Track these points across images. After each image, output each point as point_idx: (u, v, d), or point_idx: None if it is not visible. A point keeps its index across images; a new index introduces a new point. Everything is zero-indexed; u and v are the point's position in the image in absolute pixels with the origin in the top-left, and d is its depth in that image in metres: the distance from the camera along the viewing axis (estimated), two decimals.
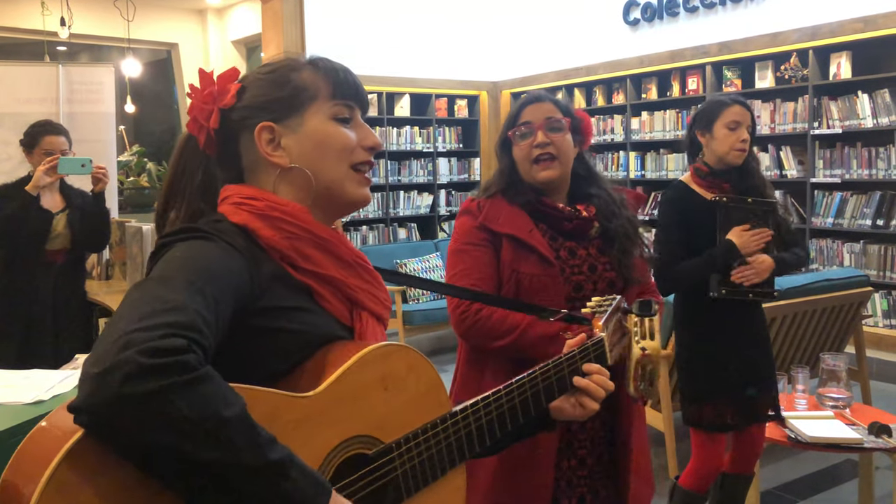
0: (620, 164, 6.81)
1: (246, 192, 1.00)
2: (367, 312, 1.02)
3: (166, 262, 0.87)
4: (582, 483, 1.73)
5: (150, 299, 0.78)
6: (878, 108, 4.90)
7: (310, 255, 0.97)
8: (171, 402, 0.70)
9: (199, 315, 0.78)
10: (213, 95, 1.02)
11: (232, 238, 0.93)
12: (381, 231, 7.49)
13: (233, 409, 0.74)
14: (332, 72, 1.05)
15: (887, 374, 4.74)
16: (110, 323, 0.77)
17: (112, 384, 0.69)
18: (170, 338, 0.73)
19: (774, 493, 3.22)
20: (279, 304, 0.92)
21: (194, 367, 0.73)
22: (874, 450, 2.57)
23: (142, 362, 0.70)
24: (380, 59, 7.16)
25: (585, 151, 1.82)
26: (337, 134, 1.02)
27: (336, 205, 1.04)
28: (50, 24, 7.53)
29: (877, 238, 5.06)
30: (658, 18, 6.33)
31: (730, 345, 2.35)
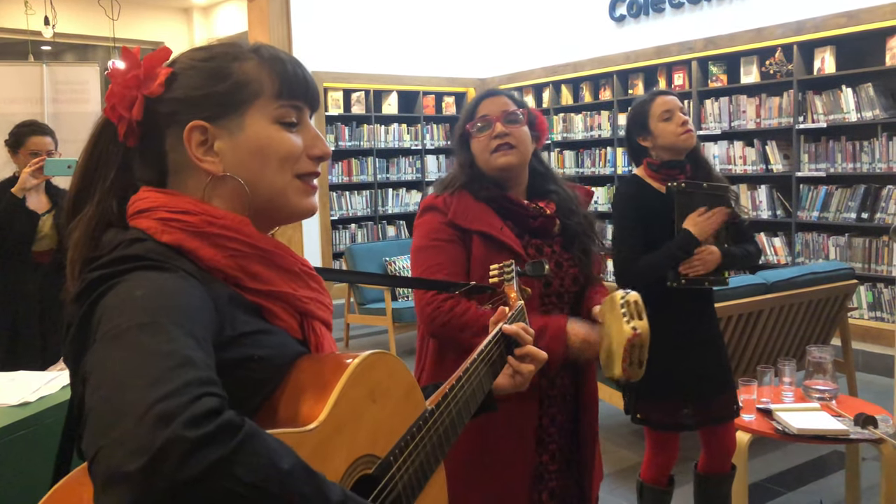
0: (608, 159, 6.83)
1: (174, 203, 0.85)
2: (317, 322, 0.93)
3: (129, 305, 0.72)
4: (553, 477, 1.76)
5: (148, 356, 0.65)
6: (861, 102, 4.94)
7: (257, 272, 0.85)
8: (230, 474, 0.60)
9: (206, 364, 0.68)
10: (137, 80, 0.86)
11: (181, 263, 0.80)
12: (370, 229, 7.49)
13: (288, 459, 0.65)
14: (279, 65, 0.90)
15: (873, 365, 4.79)
16: (103, 397, 0.63)
17: (166, 475, 0.57)
18: (203, 398, 0.62)
19: (763, 485, 3.24)
20: (242, 331, 0.81)
21: (240, 426, 0.62)
22: (860, 441, 2.60)
23: (191, 437, 0.58)
24: (367, 56, 7.15)
25: (539, 150, 1.86)
26: (280, 141, 0.89)
27: (277, 217, 0.92)
28: (34, 24, 7.47)
29: (861, 231, 5.10)
30: (644, 14, 6.35)
31: (678, 342, 2.32)
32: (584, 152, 7.09)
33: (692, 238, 2.26)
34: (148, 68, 0.87)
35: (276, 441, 0.66)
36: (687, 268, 2.27)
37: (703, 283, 2.31)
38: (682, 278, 2.28)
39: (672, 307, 2.31)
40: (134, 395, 0.61)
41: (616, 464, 3.47)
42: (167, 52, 0.90)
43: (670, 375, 2.32)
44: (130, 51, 0.89)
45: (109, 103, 0.88)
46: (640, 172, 2.42)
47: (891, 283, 4.85)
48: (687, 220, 2.28)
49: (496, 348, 1.15)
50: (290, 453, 0.66)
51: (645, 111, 2.37)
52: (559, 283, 1.74)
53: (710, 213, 2.28)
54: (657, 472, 2.46)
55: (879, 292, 4.99)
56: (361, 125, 7.39)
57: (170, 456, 0.57)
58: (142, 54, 0.90)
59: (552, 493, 1.76)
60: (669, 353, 2.32)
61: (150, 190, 0.88)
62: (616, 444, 3.70)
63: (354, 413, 0.82)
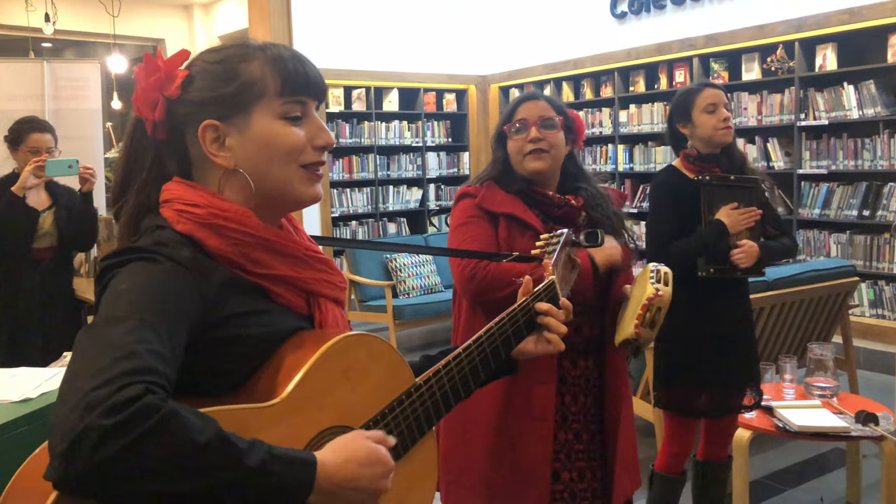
0: (609, 157, 6.82)
1: (188, 196, 0.96)
2: (324, 299, 1.02)
3: (112, 298, 0.84)
4: (581, 457, 1.78)
5: (102, 348, 0.77)
6: (863, 99, 4.93)
7: (259, 258, 0.95)
8: (145, 452, 0.71)
9: (153, 353, 0.78)
10: (159, 82, 0.96)
11: (175, 252, 0.90)
12: (371, 226, 7.48)
13: (207, 433, 0.75)
14: (280, 64, 0.98)
15: (874, 363, 4.78)
16: (66, 381, 0.76)
17: (82, 457, 0.69)
18: (126, 388, 0.72)
19: (763, 481, 3.24)
20: (234, 311, 0.91)
21: (157, 408, 0.73)
22: (861, 438, 2.60)
23: (105, 424, 0.70)
24: (368, 53, 7.14)
25: (576, 151, 1.91)
26: (285, 135, 0.98)
27: (285, 204, 1.02)
28: (34, 21, 7.47)
29: (863, 228, 5.10)
30: (645, 11, 6.34)
31: (710, 330, 2.36)
32: (585, 149, 7.08)
33: (724, 229, 2.30)
34: (167, 71, 0.96)
35: (199, 418, 0.75)
36: (737, 259, 2.30)
37: (733, 273, 2.34)
38: (710, 268, 2.31)
39: (702, 295, 2.34)
40: (78, 384, 0.73)
41: None
42: (186, 55, 0.99)
43: (695, 362, 2.35)
44: (152, 56, 0.97)
45: (136, 105, 0.97)
46: (677, 163, 2.47)
47: (892, 280, 4.85)
48: (721, 212, 2.32)
49: (511, 324, 1.18)
50: (210, 428, 0.75)
51: (690, 100, 2.40)
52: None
53: (744, 210, 2.33)
54: (671, 461, 2.48)
55: (881, 289, 4.98)
56: (362, 122, 7.38)
57: (86, 441, 0.69)
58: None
59: (581, 474, 1.78)
60: (696, 341, 2.36)
61: (176, 181, 0.98)
62: None
63: (322, 391, 0.90)
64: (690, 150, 2.42)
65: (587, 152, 7.03)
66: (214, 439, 0.75)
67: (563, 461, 1.77)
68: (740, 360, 2.41)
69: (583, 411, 1.79)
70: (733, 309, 2.41)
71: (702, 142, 2.39)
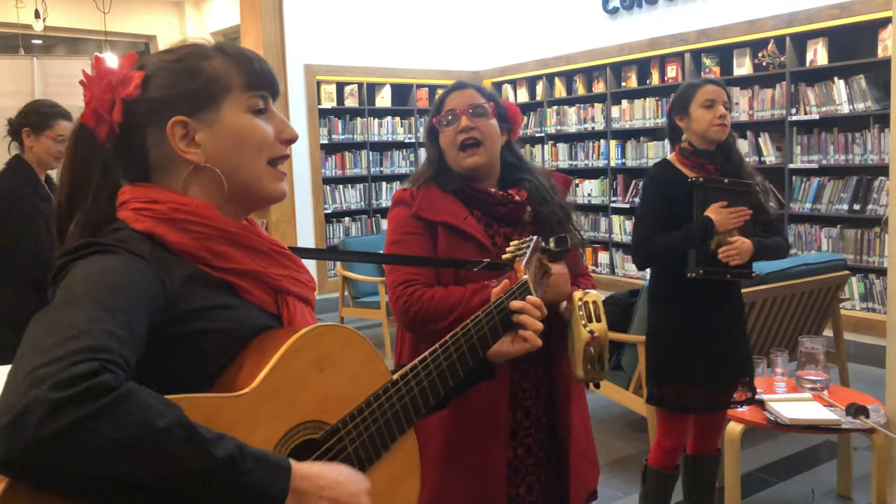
0: (601, 152, 6.83)
1: (145, 194, 0.93)
2: (292, 297, 0.99)
3: (68, 285, 0.81)
4: (530, 471, 1.73)
5: (53, 329, 0.73)
6: (854, 93, 4.95)
7: (223, 252, 0.93)
8: (94, 431, 0.66)
9: (110, 334, 0.73)
10: (112, 85, 0.93)
11: (135, 246, 0.87)
12: (364, 222, 7.48)
13: (167, 418, 0.70)
14: (244, 60, 0.98)
15: (864, 356, 4.82)
16: (14, 365, 0.71)
17: (26, 430, 0.64)
18: (78, 364, 0.68)
19: (755, 474, 3.26)
20: (197, 306, 0.88)
21: (112, 387, 0.68)
22: (852, 430, 2.62)
23: (54, 398, 0.65)
24: (360, 49, 7.13)
25: (514, 141, 1.83)
26: (255, 128, 0.97)
27: (252, 202, 1.00)
28: (24, 17, 7.42)
29: (853, 223, 5.12)
30: (637, 7, 6.35)
31: (701, 327, 2.37)
32: (577, 145, 7.09)
33: (711, 226, 2.29)
34: (121, 73, 0.94)
35: (161, 402, 0.71)
36: (724, 256, 2.29)
37: (724, 274, 2.32)
38: (700, 269, 2.30)
39: (694, 293, 2.35)
40: (26, 363, 0.69)
41: (611, 455, 3.49)
42: (135, 57, 0.97)
43: (686, 359, 2.37)
44: (101, 58, 0.96)
45: (89, 108, 0.93)
46: (672, 158, 2.47)
47: (882, 274, 4.87)
48: (710, 209, 2.31)
49: (487, 322, 1.15)
50: (173, 413, 0.71)
51: (690, 93, 2.40)
52: None
53: (735, 209, 2.31)
54: (664, 457, 2.49)
55: (871, 283, 5.01)
56: (355, 118, 7.37)
57: (31, 414, 0.65)
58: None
59: (530, 488, 1.74)
60: (688, 338, 2.37)
61: (130, 186, 0.96)
62: (611, 435, 3.72)
63: (295, 381, 0.87)
64: (686, 145, 2.42)
65: (580, 148, 7.04)
66: (175, 424, 0.70)
67: (512, 476, 1.71)
68: (732, 357, 2.41)
69: (535, 425, 1.74)
70: (724, 305, 2.41)
71: (697, 136, 2.39)
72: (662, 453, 2.49)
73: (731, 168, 2.41)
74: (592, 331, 1.51)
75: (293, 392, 0.86)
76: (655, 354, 2.47)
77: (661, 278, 2.46)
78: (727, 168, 2.40)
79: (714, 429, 2.55)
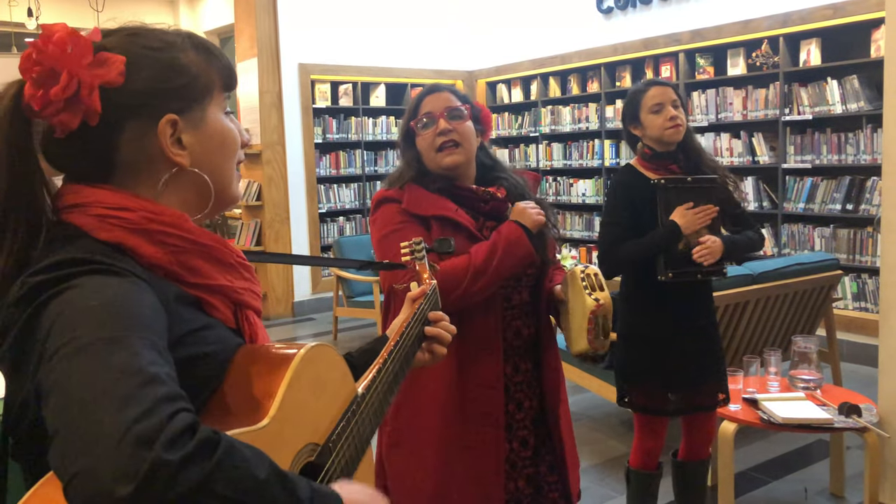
0: (595, 151, 6.84)
1: (111, 199, 0.82)
2: (250, 311, 0.94)
3: (86, 316, 0.70)
4: (527, 464, 1.78)
5: (115, 374, 0.65)
6: (847, 94, 4.97)
7: (196, 266, 0.85)
8: (212, 492, 0.62)
9: (170, 377, 0.68)
10: (90, 64, 0.80)
11: (125, 263, 0.78)
12: (358, 222, 7.47)
13: (264, 468, 0.67)
14: (216, 58, 0.92)
15: (857, 355, 4.83)
16: (78, 415, 0.63)
17: (155, 498, 0.59)
18: (176, 416, 0.63)
19: (748, 473, 3.27)
20: (188, 329, 0.81)
21: (217, 441, 0.64)
22: (844, 429, 2.63)
23: (174, 460, 0.60)
24: (355, 48, 7.12)
25: (486, 143, 1.87)
26: (231, 131, 0.92)
27: (218, 207, 0.93)
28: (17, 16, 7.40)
29: (846, 222, 5.14)
30: (631, 7, 6.36)
31: (670, 330, 2.34)
32: (571, 144, 7.09)
33: (678, 230, 2.27)
34: (96, 53, 0.81)
35: (250, 450, 0.67)
36: (697, 257, 2.27)
37: (694, 276, 2.31)
38: (669, 272, 2.28)
39: (665, 295, 2.33)
40: (106, 417, 0.61)
41: (603, 454, 3.49)
42: (99, 34, 0.85)
43: (658, 362, 2.35)
44: (68, 28, 0.80)
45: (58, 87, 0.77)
46: (634, 162, 2.44)
47: (875, 273, 4.89)
48: (675, 212, 2.28)
49: (416, 328, 1.21)
50: (265, 461, 0.67)
51: (637, 101, 2.37)
52: None
53: (699, 209, 2.28)
54: (645, 457, 2.48)
55: (864, 283, 5.03)
56: (349, 118, 7.36)
57: (157, 480, 0.59)
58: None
59: (529, 480, 1.78)
60: (659, 340, 2.35)
61: (87, 186, 0.84)
62: (604, 433, 3.73)
63: (298, 407, 0.84)
64: (645, 149, 2.39)
65: (574, 148, 7.05)
66: (272, 473, 0.67)
67: (509, 471, 1.74)
68: (703, 358, 2.39)
69: (528, 416, 1.78)
70: (694, 307, 2.39)
71: (653, 141, 2.36)
72: (642, 454, 2.48)
73: (691, 165, 2.38)
74: (598, 299, 1.55)
75: (298, 418, 0.85)
76: (625, 357, 2.45)
77: (631, 280, 2.45)
78: (688, 165, 2.38)
79: (703, 434, 2.51)
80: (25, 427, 0.77)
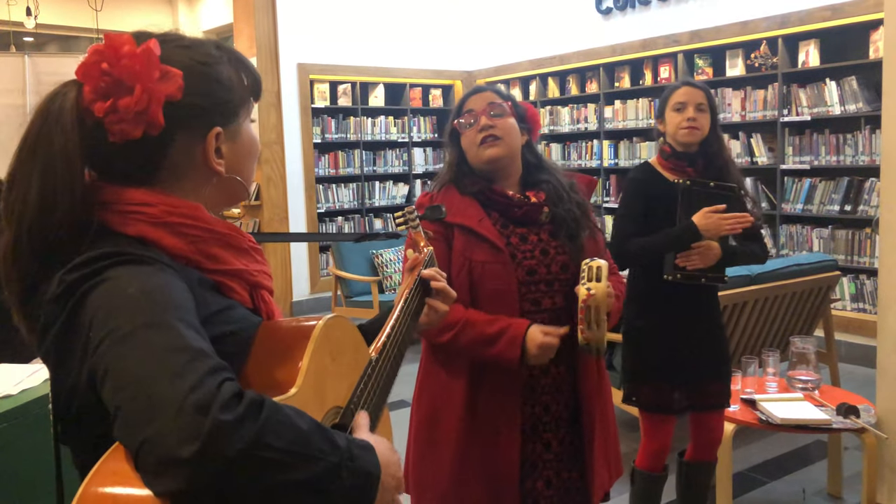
0: (594, 152, 6.84)
1: (133, 196, 0.88)
2: (264, 291, 1.03)
3: (126, 305, 0.77)
4: (548, 466, 1.77)
5: (163, 353, 0.72)
6: (845, 95, 4.97)
7: (215, 254, 0.92)
8: (267, 444, 0.69)
9: (212, 350, 0.76)
10: (156, 79, 0.86)
11: (150, 254, 0.84)
12: (357, 222, 7.47)
13: (304, 420, 0.74)
14: (248, 69, 1.00)
15: (855, 356, 4.84)
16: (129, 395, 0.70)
17: (219, 453, 0.67)
18: (224, 384, 0.71)
19: (746, 474, 3.27)
20: (213, 311, 0.88)
21: (262, 401, 0.72)
22: (842, 430, 2.63)
23: (230, 420, 0.68)
24: (353, 48, 7.12)
25: (532, 142, 1.89)
26: (256, 140, 1.02)
27: (232, 206, 1.07)
28: (16, 15, 7.39)
29: (844, 223, 5.15)
30: (630, 7, 6.36)
31: (676, 328, 2.35)
32: (570, 145, 7.10)
33: (695, 231, 2.26)
34: (160, 67, 0.86)
35: (289, 408, 0.75)
36: (684, 260, 2.28)
37: (699, 279, 2.31)
38: (677, 273, 2.28)
39: (671, 294, 2.33)
40: (164, 389, 0.69)
41: None
42: (158, 47, 0.88)
43: (665, 359, 2.36)
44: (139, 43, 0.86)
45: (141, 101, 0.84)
46: (653, 161, 2.46)
47: (873, 274, 4.90)
48: (698, 214, 2.26)
49: (417, 292, 1.28)
50: (304, 415, 0.75)
51: (667, 97, 2.40)
52: (546, 271, 1.75)
53: (729, 215, 2.25)
54: (651, 459, 2.48)
55: (862, 284, 5.04)
56: (348, 118, 7.36)
57: (219, 439, 0.67)
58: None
59: (549, 482, 1.77)
60: (666, 339, 2.36)
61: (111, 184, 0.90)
62: None
63: (321, 374, 0.92)
64: (665, 147, 2.41)
65: (573, 148, 7.05)
66: (312, 425, 0.75)
67: (529, 471, 1.75)
68: (708, 357, 2.39)
69: (554, 420, 1.77)
70: (700, 305, 2.39)
71: (671, 139, 2.38)
72: (649, 455, 2.48)
73: (713, 171, 2.38)
74: (590, 288, 1.57)
75: (323, 384, 0.93)
76: (631, 354, 2.46)
77: (638, 278, 2.45)
78: (709, 171, 2.37)
79: (711, 435, 2.50)
80: (74, 413, 0.83)
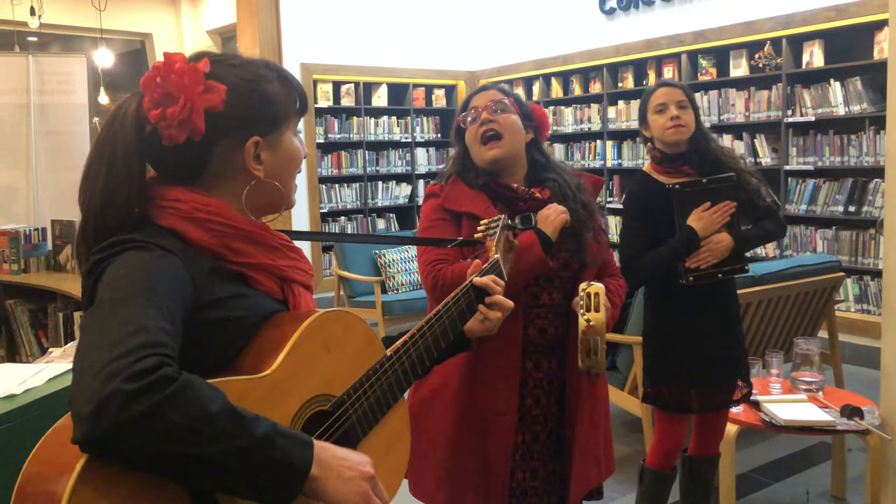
0: (597, 152, 6.84)
1: (170, 193, 1.02)
2: (296, 284, 1.12)
3: (112, 282, 0.91)
4: (535, 458, 1.81)
5: (113, 325, 0.84)
6: (849, 95, 4.96)
7: (238, 248, 1.04)
8: (164, 416, 0.79)
9: (162, 330, 0.86)
10: (199, 93, 1.00)
11: (164, 241, 0.97)
12: (360, 222, 7.47)
13: (217, 403, 0.83)
14: (296, 89, 1.12)
15: (859, 357, 4.83)
16: (80, 355, 0.84)
17: (108, 416, 0.77)
18: (144, 359, 0.80)
19: (749, 475, 3.27)
20: (220, 296, 1.00)
21: (174, 379, 0.81)
22: (846, 432, 2.62)
23: (128, 389, 0.78)
24: (357, 48, 7.12)
25: (539, 140, 1.90)
26: (299, 151, 1.13)
27: (275, 209, 1.14)
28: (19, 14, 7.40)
29: (849, 224, 5.13)
30: (634, 7, 6.35)
31: (695, 328, 2.35)
32: (573, 145, 7.09)
33: (694, 235, 2.26)
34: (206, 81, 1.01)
35: (210, 389, 0.84)
36: (696, 260, 2.26)
37: (715, 275, 2.30)
38: (690, 275, 2.27)
39: (688, 295, 2.32)
40: (95, 356, 0.82)
41: None
42: (208, 65, 1.02)
43: (682, 360, 2.36)
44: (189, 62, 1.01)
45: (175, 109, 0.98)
46: (647, 167, 2.43)
47: (877, 275, 4.88)
48: (691, 217, 2.28)
49: (464, 298, 1.30)
50: (220, 399, 0.84)
51: (646, 102, 2.38)
52: (547, 266, 1.75)
53: (715, 208, 2.27)
54: (662, 457, 2.48)
55: (866, 285, 5.02)
56: (351, 117, 7.36)
57: (111, 404, 0.77)
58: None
59: (534, 473, 1.80)
60: (683, 339, 2.36)
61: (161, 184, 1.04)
62: None
63: (307, 361, 1.00)
64: (655, 152, 2.39)
65: (576, 148, 7.04)
66: (224, 408, 0.83)
67: (517, 461, 1.78)
68: (728, 356, 2.40)
69: (544, 413, 1.81)
70: (719, 305, 2.39)
71: (660, 143, 2.36)
72: (660, 455, 2.48)
73: (708, 165, 2.35)
74: (589, 319, 1.58)
75: (306, 371, 1.00)
76: (652, 355, 2.46)
77: (656, 281, 2.45)
78: (704, 166, 2.35)
79: (716, 430, 2.53)
80: None
